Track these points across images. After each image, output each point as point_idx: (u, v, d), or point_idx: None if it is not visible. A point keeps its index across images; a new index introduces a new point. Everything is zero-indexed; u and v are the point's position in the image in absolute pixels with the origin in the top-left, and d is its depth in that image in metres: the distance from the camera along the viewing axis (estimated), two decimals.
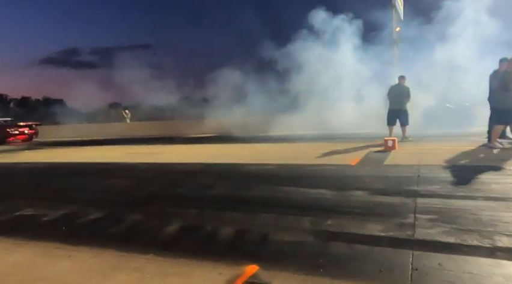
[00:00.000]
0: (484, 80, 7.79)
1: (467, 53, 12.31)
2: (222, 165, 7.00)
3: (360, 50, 15.01)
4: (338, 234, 2.97)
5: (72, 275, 2.51)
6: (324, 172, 5.70)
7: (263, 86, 18.20)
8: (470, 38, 12.59)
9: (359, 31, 15.44)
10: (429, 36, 14.14)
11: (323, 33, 15.74)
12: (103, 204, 4.42)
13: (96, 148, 12.94)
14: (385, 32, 15.53)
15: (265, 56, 17.59)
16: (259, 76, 18.66)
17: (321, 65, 15.23)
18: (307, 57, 15.54)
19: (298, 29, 16.51)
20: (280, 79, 17.15)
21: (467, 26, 12.89)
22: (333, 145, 9.21)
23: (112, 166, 7.93)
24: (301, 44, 16.15)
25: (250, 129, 14.84)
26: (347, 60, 14.72)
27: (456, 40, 13.22)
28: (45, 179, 6.69)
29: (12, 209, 4.35)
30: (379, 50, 15.22)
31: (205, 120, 17.95)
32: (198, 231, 3.25)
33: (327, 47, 15.57)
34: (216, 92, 19.48)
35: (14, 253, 2.97)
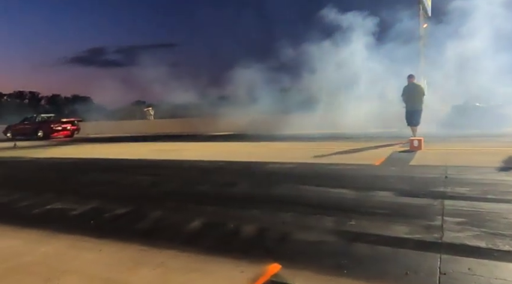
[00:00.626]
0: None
1: (496, 51, 11.80)
2: (242, 163, 7.03)
3: (383, 48, 14.70)
4: (361, 235, 2.92)
5: (99, 268, 2.58)
6: (346, 171, 5.61)
7: (282, 84, 18.16)
8: (497, 35, 12.06)
9: (382, 29, 15.13)
10: (455, 33, 13.62)
11: (343, 31, 15.54)
12: (127, 199, 4.53)
13: (120, 145, 13.28)
14: (410, 29, 15.09)
15: (285, 56, 17.57)
16: (278, 75, 18.64)
17: (341, 63, 15.02)
18: (327, 55, 15.38)
19: (318, 28, 16.40)
20: (299, 77, 17.05)
21: (492, 23, 12.36)
22: (355, 144, 9.06)
23: (136, 162, 8.12)
24: (321, 43, 16.01)
25: (269, 127, 14.80)
26: (369, 58, 14.43)
27: (484, 37, 12.71)
28: (73, 174, 6.93)
29: (43, 202, 4.53)
30: (403, 47, 14.82)
31: (225, 118, 18.07)
32: (219, 228, 3.28)
33: (348, 45, 15.35)
34: (236, 90, 19.61)
35: (45, 244, 3.09)
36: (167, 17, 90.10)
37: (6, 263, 2.73)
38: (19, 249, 3.00)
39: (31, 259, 2.79)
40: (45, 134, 18.12)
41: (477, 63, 12.50)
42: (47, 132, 18.16)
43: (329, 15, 16.74)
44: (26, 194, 5.10)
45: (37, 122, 19.06)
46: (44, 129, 18.30)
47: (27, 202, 4.60)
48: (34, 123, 18.97)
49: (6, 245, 3.12)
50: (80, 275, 2.48)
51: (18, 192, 5.25)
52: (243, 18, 30.34)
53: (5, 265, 2.69)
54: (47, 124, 18.55)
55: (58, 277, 2.45)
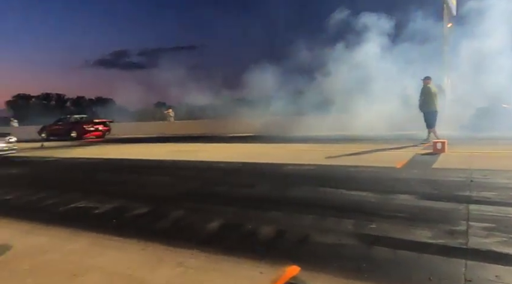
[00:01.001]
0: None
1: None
2: (260, 165, 7.03)
3: (401, 49, 14.37)
4: (381, 238, 2.87)
5: (121, 266, 2.65)
6: (367, 174, 5.53)
7: (298, 86, 18.08)
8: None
9: (401, 29, 14.82)
10: (475, 32, 13.13)
11: (359, 32, 15.35)
12: (148, 199, 4.62)
13: (141, 145, 13.55)
14: (432, 29, 14.67)
15: (303, 57, 17.49)
16: (294, 77, 18.57)
17: (357, 64, 14.82)
18: (343, 57, 15.22)
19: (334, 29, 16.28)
20: (314, 79, 16.94)
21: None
22: (374, 146, 8.91)
23: (156, 163, 8.26)
24: (342, 44, 15.84)
25: (286, 128, 14.73)
26: (386, 59, 14.14)
27: (507, 36, 12.23)
28: (96, 174, 7.12)
29: (68, 200, 4.68)
30: (425, 47, 14.43)
31: (243, 120, 18.14)
32: (238, 229, 3.30)
33: (364, 46, 15.13)
34: (253, 92, 19.67)
35: (71, 241, 3.20)
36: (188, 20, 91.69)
37: (37, 259, 2.84)
38: (47, 246, 3.11)
39: (58, 256, 2.89)
40: (78, 135, 18.26)
41: (500, 63, 12.02)
42: (79, 133, 18.31)
43: (345, 16, 16.56)
44: (52, 192, 5.28)
45: (70, 123, 19.26)
46: (77, 129, 18.44)
47: (53, 200, 4.77)
48: (67, 124, 19.17)
49: (35, 242, 3.24)
50: (103, 272, 2.55)
51: (44, 190, 5.45)
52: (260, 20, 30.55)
53: (34, 261, 2.80)
54: (80, 125, 18.71)
55: (83, 274, 2.53)
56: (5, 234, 3.48)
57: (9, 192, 5.46)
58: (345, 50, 15.60)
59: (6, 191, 5.55)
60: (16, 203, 4.81)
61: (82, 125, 18.66)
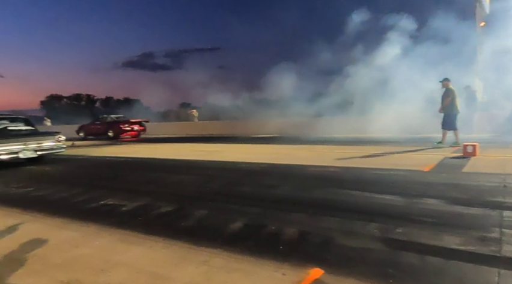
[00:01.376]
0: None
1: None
2: (284, 166, 7.01)
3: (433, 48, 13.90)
4: (408, 243, 2.79)
5: (147, 262, 2.71)
6: (393, 177, 5.39)
7: (324, 87, 17.86)
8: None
9: (428, 28, 14.34)
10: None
11: (385, 32, 14.99)
12: (172, 198, 4.71)
13: (167, 145, 13.82)
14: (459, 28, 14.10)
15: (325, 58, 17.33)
16: (321, 78, 18.39)
17: (383, 65, 14.47)
18: (367, 57, 14.94)
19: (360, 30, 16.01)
20: (338, 80, 16.69)
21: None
22: (402, 148, 8.68)
23: (181, 163, 8.41)
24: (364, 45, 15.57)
25: (309, 130, 14.61)
26: (412, 60, 13.72)
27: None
28: (123, 172, 7.33)
29: (97, 198, 4.85)
30: (451, 47, 13.89)
31: (267, 120, 18.15)
32: (261, 230, 3.30)
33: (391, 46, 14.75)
34: (276, 93, 19.63)
35: (99, 237, 3.31)
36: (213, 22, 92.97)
37: (67, 253, 2.96)
38: (77, 241, 3.24)
39: (87, 251, 3.00)
40: (115, 134, 18.45)
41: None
42: (116, 132, 18.49)
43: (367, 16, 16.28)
44: (82, 189, 5.49)
45: (107, 122, 19.42)
46: (114, 129, 18.62)
47: (83, 197, 4.95)
48: (105, 123, 19.36)
49: (66, 236, 3.38)
50: (129, 268, 2.62)
51: (75, 187, 5.66)
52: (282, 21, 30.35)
53: (65, 255, 2.92)
54: (116, 124, 18.88)
55: (110, 269, 2.62)
56: (40, 228, 3.65)
57: (43, 188, 5.72)
58: (367, 51, 15.35)
59: (40, 187, 5.81)
60: (49, 198, 5.03)
61: (118, 125, 18.82)
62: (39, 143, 8.54)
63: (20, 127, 9.21)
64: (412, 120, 12.12)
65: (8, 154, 7.93)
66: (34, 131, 9.33)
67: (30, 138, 8.51)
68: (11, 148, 8.00)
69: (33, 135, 8.79)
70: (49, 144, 8.76)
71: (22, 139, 8.31)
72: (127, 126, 18.81)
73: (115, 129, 18.64)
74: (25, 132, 8.98)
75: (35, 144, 8.44)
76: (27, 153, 8.26)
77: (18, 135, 8.55)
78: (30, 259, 2.88)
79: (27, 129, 9.28)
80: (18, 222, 3.87)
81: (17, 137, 8.40)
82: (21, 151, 8.15)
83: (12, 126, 9.06)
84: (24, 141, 8.30)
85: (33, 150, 8.37)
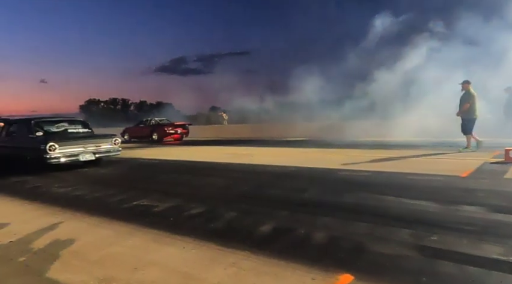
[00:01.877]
0: None
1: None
2: (313, 169, 6.94)
3: (456, 51, 13.24)
4: (444, 252, 2.67)
5: (178, 263, 2.78)
6: (427, 182, 5.18)
7: (351, 91, 17.54)
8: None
9: (458, 30, 13.69)
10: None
11: (410, 35, 14.51)
12: (203, 199, 4.79)
13: (198, 148, 14.08)
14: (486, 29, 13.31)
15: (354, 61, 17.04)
16: (348, 81, 18.08)
17: (412, 68, 13.98)
18: (393, 61, 14.52)
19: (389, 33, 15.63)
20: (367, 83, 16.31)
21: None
22: (436, 153, 8.33)
23: (211, 165, 8.54)
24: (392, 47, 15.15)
25: (339, 133, 14.33)
26: (442, 62, 13.13)
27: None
28: (155, 174, 7.56)
29: (132, 198, 5.03)
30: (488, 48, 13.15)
31: (295, 124, 18.04)
32: (290, 234, 3.28)
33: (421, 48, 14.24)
34: (306, 97, 19.48)
35: (132, 236, 3.43)
36: (243, 26, 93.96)
37: (103, 251, 3.09)
38: (112, 239, 3.37)
39: (121, 249, 3.12)
40: (159, 137, 18.22)
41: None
42: (160, 135, 18.26)
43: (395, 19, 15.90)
44: (117, 190, 5.72)
45: (152, 125, 19.19)
46: (159, 132, 18.36)
47: (118, 197, 5.15)
48: (149, 126, 19.15)
49: (102, 235, 3.53)
50: (161, 268, 2.70)
51: (110, 188, 5.91)
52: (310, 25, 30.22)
53: (101, 253, 3.06)
54: (161, 127, 18.58)
55: (143, 268, 2.70)
56: (78, 226, 3.84)
57: (81, 188, 6.01)
58: (393, 54, 14.94)
59: (78, 187, 6.11)
60: (87, 198, 5.27)
61: (163, 127, 18.50)
62: (98, 146, 8.41)
63: (78, 129, 9.06)
64: (447, 123, 11.62)
65: (68, 157, 7.81)
66: (91, 133, 9.16)
67: (89, 140, 8.39)
68: (72, 151, 7.89)
69: (92, 138, 8.64)
70: (107, 146, 8.63)
71: (82, 142, 8.20)
72: (171, 129, 18.49)
73: (160, 132, 18.36)
74: (83, 135, 8.86)
75: (94, 146, 8.31)
76: (87, 155, 8.14)
77: (77, 138, 8.44)
78: (69, 255, 3.04)
79: (84, 131, 9.12)
80: (59, 220, 4.09)
81: (77, 139, 8.28)
82: (81, 153, 8.04)
83: (71, 129, 8.92)
84: (83, 143, 8.18)
85: (92, 152, 8.24)
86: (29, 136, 8.15)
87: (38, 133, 8.13)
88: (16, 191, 6.07)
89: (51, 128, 8.51)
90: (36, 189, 6.15)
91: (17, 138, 8.65)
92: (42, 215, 4.41)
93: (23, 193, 5.87)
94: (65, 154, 7.76)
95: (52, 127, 8.55)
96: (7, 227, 3.92)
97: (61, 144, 7.69)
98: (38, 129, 8.27)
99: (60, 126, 8.70)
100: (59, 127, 8.67)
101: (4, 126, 9.24)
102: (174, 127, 18.77)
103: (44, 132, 8.26)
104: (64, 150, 7.73)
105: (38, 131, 8.21)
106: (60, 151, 7.64)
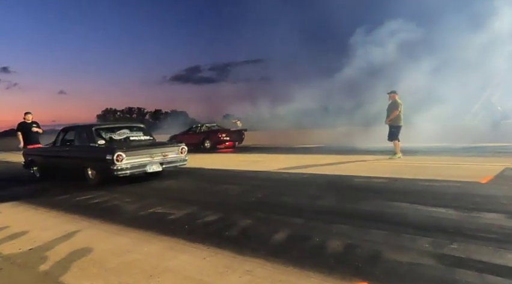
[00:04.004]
0: None
1: None
2: (328, 176, 6.87)
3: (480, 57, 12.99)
4: (465, 260, 2.60)
5: (192, 270, 2.79)
6: (446, 189, 5.06)
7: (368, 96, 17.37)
8: None
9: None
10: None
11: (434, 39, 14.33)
12: (217, 207, 4.81)
13: (212, 155, 14.15)
14: None
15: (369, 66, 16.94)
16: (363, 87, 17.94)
17: (432, 73, 13.79)
18: (416, 64, 14.32)
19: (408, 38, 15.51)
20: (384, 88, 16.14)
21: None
22: (457, 158, 8.14)
23: (225, 172, 8.56)
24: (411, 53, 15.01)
25: (353, 139, 14.16)
26: (465, 67, 12.89)
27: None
28: (171, 181, 7.61)
29: (146, 206, 5.09)
30: None
31: (310, 130, 17.97)
32: (305, 241, 3.26)
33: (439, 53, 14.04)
34: (319, 103, 19.42)
35: (148, 244, 3.47)
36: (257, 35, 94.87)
37: (120, 258, 3.14)
38: (128, 247, 3.42)
39: (137, 256, 3.16)
40: (212, 144, 16.49)
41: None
42: (214, 142, 16.50)
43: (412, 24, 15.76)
44: (133, 197, 5.79)
45: (203, 132, 17.29)
46: (212, 139, 16.55)
47: (134, 205, 5.22)
48: (201, 133, 17.29)
49: (120, 242, 3.58)
50: (176, 275, 2.72)
51: (127, 195, 5.98)
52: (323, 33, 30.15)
53: (119, 260, 3.10)
54: (214, 134, 16.71)
55: (158, 275, 2.73)
56: (96, 234, 3.91)
57: (99, 196, 6.10)
58: (411, 59, 14.77)
59: (96, 195, 6.21)
60: (104, 206, 5.36)
61: (216, 134, 16.61)
62: (165, 155, 7.40)
63: (140, 136, 7.97)
64: (468, 129, 11.41)
65: (134, 169, 6.87)
66: (154, 141, 8.11)
67: (155, 149, 7.39)
68: (139, 161, 6.96)
69: (158, 146, 7.61)
70: (173, 155, 7.61)
71: (148, 151, 7.23)
72: (226, 136, 16.65)
73: (213, 139, 16.52)
74: (147, 143, 7.84)
75: (160, 155, 7.33)
76: (154, 166, 7.16)
77: (143, 146, 7.44)
78: (88, 262, 3.09)
79: (146, 138, 8.04)
80: (77, 228, 4.17)
81: (143, 148, 7.29)
82: (148, 164, 7.08)
83: (133, 136, 7.87)
84: (150, 152, 7.22)
85: (159, 163, 7.28)
86: (90, 145, 7.26)
87: (100, 142, 7.24)
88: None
89: (113, 136, 7.58)
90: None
91: (75, 147, 7.80)
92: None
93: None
94: (133, 165, 6.85)
95: (114, 135, 7.61)
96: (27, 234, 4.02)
97: (129, 154, 6.78)
98: (99, 137, 7.36)
99: (121, 133, 7.74)
100: (121, 134, 7.71)
101: (58, 133, 8.46)
102: (229, 133, 16.94)
103: (106, 140, 7.37)
104: (132, 160, 6.84)
105: (100, 139, 7.31)
106: (128, 161, 6.75)
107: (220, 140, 16.43)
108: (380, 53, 16.65)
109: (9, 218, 4.88)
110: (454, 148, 10.26)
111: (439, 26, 14.91)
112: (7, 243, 3.73)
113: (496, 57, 12.48)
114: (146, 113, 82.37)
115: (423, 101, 12.69)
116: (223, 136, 16.44)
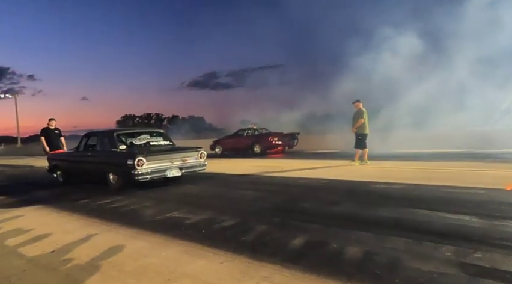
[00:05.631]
0: None
1: None
2: (345, 182, 6.78)
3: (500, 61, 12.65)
4: (490, 270, 2.51)
5: (209, 275, 2.80)
6: (469, 196, 4.91)
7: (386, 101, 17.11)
8: None
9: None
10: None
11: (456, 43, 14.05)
12: (234, 212, 4.81)
13: (229, 160, 14.20)
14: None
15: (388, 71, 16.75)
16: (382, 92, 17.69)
17: (454, 78, 13.50)
18: (436, 69, 14.06)
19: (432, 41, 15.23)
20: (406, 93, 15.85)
21: None
22: (483, 165, 7.90)
23: (241, 178, 8.57)
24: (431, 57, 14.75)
25: (374, 145, 13.96)
26: (486, 73, 12.56)
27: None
28: (188, 186, 7.67)
29: (164, 211, 5.15)
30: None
31: (328, 135, 17.79)
32: (323, 248, 3.22)
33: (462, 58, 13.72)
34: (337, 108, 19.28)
35: (166, 248, 3.50)
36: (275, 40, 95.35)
37: (138, 262, 3.18)
38: (146, 251, 3.46)
39: (155, 260, 3.19)
40: (263, 149, 15.36)
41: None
42: (264, 147, 15.34)
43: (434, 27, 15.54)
44: (150, 202, 5.87)
45: (253, 136, 16.14)
46: (262, 143, 15.42)
47: (152, 210, 5.29)
48: (249, 137, 16.15)
49: (138, 246, 3.63)
50: (194, 280, 2.73)
51: (145, 200, 6.07)
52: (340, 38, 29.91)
53: (137, 263, 3.14)
54: (265, 137, 15.58)
55: (176, 279, 2.75)
56: (115, 238, 3.98)
57: (117, 200, 6.22)
58: (432, 64, 14.52)
59: (114, 199, 6.34)
60: (123, 210, 5.46)
61: (267, 138, 15.43)
62: (184, 160, 7.48)
63: (160, 141, 8.13)
64: (487, 135, 11.07)
65: (156, 173, 6.94)
66: (174, 146, 8.23)
67: (175, 153, 7.47)
68: (159, 166, 7.02)
69: (177, 151, 7.67)
70: (193, 160, 7.70)
71: (168, 156, 7.31)
72: (278, 140, 15.39)
73: (264, 143, 15.38)
74: (167, 147, 7.98)
75: (180, 160, 7.40)
76: (173, 171, 7.24)
77: (163, 151, 7.56)
78: (107, 265, 3.14)
79: (166, 143, 8.19)
80: (97, 231, 4.26)
81: (164, 153, 7.39)
82: (168, 169, 7.15)
83: (154, 141, 8.01)
84: (170, 157, 7.29)
85: (179, 168, 7.34)
86: (112, 150, 7.41)
87: (121, 147, 7.39)
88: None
89: (133, 141, 7.72)
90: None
91: (97, 152, 7.89)
92: None
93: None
94: (154, 170, 6.91)
95: (135, 140, 7.75)
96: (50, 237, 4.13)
97: (149, 159, 6.85)
98: (120, 142, 7.49)
99: (142, 138, 7.87)
100: (142, 139, 7.84)
101: (81, 139, 8.59)
102: (281, 137, 15.71)
103: (127, 145, 7.51)
104: (152, 165, 6.90)
105: (121, 144, 7.45)
106: (148, 166, 6.82)
107: (272, 145, 15.31)
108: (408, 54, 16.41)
109: (33, 221, 5.03)
110: (477, 154, 9.96)
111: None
112: (31, 246, 3.84)
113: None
114: (164, 118, 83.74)
115: (446, 106, 12.43)
116: (275, 140, 15.28)
